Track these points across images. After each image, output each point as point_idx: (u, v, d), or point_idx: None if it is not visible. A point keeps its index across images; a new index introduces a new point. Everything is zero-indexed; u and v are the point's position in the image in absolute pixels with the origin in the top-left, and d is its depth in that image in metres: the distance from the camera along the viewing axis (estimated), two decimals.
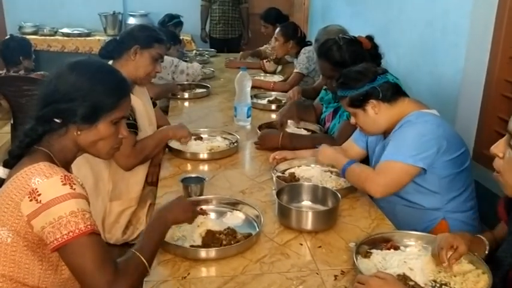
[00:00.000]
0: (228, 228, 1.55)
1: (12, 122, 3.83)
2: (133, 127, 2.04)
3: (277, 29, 3.81)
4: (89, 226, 1.17)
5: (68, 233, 1.14)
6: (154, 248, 1.33)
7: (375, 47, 2.31)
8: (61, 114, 1.28)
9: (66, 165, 1.35)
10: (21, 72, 3.81)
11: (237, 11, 5.93)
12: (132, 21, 6.15)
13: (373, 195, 1.73)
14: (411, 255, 1.44)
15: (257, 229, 1.58)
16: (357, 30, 2.62)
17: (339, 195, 1.67)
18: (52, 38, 6.01)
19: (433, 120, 1.78)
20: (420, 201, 1.83)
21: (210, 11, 5.92)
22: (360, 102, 1.83)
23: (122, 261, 1.22)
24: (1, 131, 4.88)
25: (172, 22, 4.35)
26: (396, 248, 1.50)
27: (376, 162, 1.90)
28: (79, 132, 1.30)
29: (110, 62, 2.16)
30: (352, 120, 1.92)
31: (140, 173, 2.17)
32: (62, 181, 1.18)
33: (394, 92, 1.83)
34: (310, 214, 1.60)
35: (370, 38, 2.31)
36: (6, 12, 6.25)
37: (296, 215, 1.61)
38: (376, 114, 1.82)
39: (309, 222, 1.59)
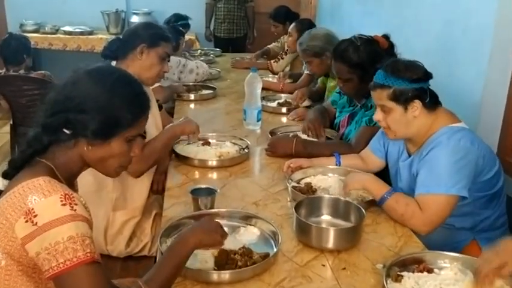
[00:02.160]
0: (244, 247, 1.41)
1: (11, 122, 3.73)
2: None
3: (292, 24, 3.66)
4: (89, 254, 1.04)
5: (65, 261, 1.01)
6: (166, 282, 1.17)
7: (392, 46, 2.18)
8: (72, 125, 1.15)
9: (70, 180, 1.23)
10: (21, 72, 3.69)
11: (243, 10, 5.81)
12: (135, 19, 6.03)
13: (419, 232, 1.60)
14: (447, 280, 1.30)
15: (274, 248, 1.44)
16: (368, 30, 2.48)
17: (364, 211, 1.53)
18: (53, 36, 5.88)
19: (466, 136, 1.64)
20: (450, 221, 1.69)
21: (214, 9, 5.80)
22: (406, 98, 1.66)
23: None
24: (0, 131, 4.77)
25: (179, 23, 4.21)
26: (429, 270, 1.36)
27: (404, 181, 1.78)
28: (89, 147, 1.18)
29: (114, 63, 2.03)
30: (379, 115, 1.73)
31: (145, 181, 2.03)
32: (61, 201, 1.05)
33: (436, 101, 1.69)
34: (332, 232, 1.46)
35: (386, 37, 2.17)
36: (7, 9, 6.13)
37: (317, 233, 1.47)
38: (415, 117, 1.68)
39: (330, 241, 1.45)
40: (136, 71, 1.98)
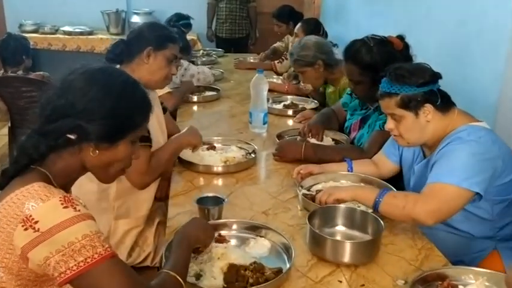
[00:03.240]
0: (255, 262, 1.31)
1: (9, 124, 3.64)
2: (147, 140, 1.81)
3: (298, 24, 3.58)
4: (109, 249, 1.01)
5: (85, 259, 0.97)
6: (185, 264, 1.21)
7: (407, 47, 2.08)
8: (77, 130, 1.09)
9: (65, 188, 1.15)
10: (20, 73, 3.60)
11: (245, 10, 5.73)
12: (136, 19, 5.94)
13: (424, 222, 1.48)
14: None
15: (287, 263, 1.35)
16: (376, 31, 2.37)
17: (382, 223, 1.43)
18: (53, 36, 5.79)
19: (487, 135, 1.55)
20: (469, 229, 1.60)
21: (216, 9, 5.72)
22: (415, 104, 1.56)
23: (157, 285, 1.09)
24: None
25: (181, 23, 4.11)
26: (454, 287, 1.26)
27: (418, 184, 1.68)
28: (96, 152, 1.12)
29: (118, 67, 1.93)
30: (390, 124, 1.64)
31: (151, 189, 1.92)
32: (62, 204, 1.00)
33: (449, 101, 1.60)
34: (349, 245, 1.37)
35: (401, 38, 2.07)
36: (6, 9, 6.04)
37: (332, 246, 1.37)
38: (428, 122, 1.58)
39: (347, 255, 1.35)
40: (143, 75, 1.89)
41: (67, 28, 5.83)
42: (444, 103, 1.59)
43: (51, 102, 1.10)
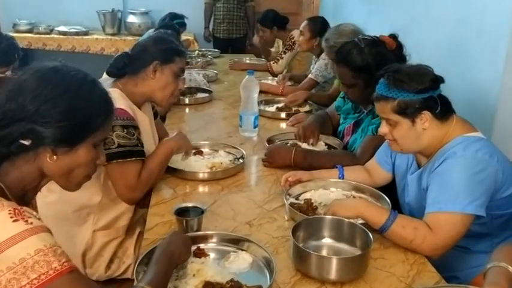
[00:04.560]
0: (232, 280, 1.22)
1: None
2: (140, 154, 1.73)
3: (304, 22, 3.44)
4: (66, 264, 0.92)
5: (39, 276, 0.89)
6: (164, 283, 1.13)
7: (400, 47, 1.98)
8: (30, 135, 0.99)
9: (24, 199, 1.06)
10: (8, 73, 3.51)
11: (243, 10, 5.66)
12: (132, 19, 5.87)
13: (430, 256, 1.41)
14: None
15: (268, 280, 1.25)
16: (374, 31, 2.29)
17: (371, 236, 1.33)
18: (48, 36, 5.71)
19: (484, 148, 1.45)
20: (465, 243, 1.50)
21: (214, 9, 5.65)
22: (412, 110, 1.47)
23: None
24: None
25: (175, 22, 4.02)
26: None
27: (412, 198, 1.61)
28: (54, 157, 1.03)
29: (122, 80, 1.84)
30: (384, 128, 1.55)
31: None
32: (11, 217, 0.91)
33: (449, 109, 1.50)
34: (335, 261, 1.27)
35: (394, 37, 1.97)
36: (0, 9, 5.95)
37: (317, 262, 1.28)
38: (424, 130, 1.49)
39: (333, 271, 1.26)
40: (147, 90, 1.82)
41: (62, 28, 5.76)
42: (443, 111, 1.49)
43: (1, 106, 1.01)
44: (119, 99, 1.71)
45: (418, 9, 3.01)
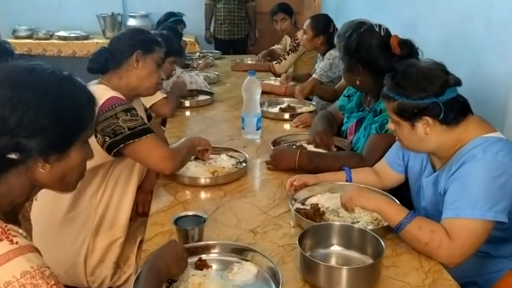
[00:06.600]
0: None
1: None
2: (152, 131, 1.72)
3: (307, 21, 3.36)
4: (54, 286, 0.86)
5: None
6: None
7: (407, 47, 1.93)
8: (17, 148, 0.92)
9: (11, 214, 0.99)
10: None
11: (243, 10, 5.58)
12: (132, 22, 5.81)
13: (447, 265, 1.33)
14: None
15: None
16: None
17: (383, 243, 1.26)
18: (48, 41, 5.65)
19: (505, 149, 1.37)
20: (486, 248, 1.42)
21: (214, 10, 5.57)
22: (410, 115, 1.41)
23: None
24: None
25: (171, 20, 3.95)
26: None
27: (429, 202, 1.53)
28: (46, 166, 0.95)
29: (105, 76, 1.79)
30: (390, 125, 1.51)
31: (127, 199, 1.78)
32: None
33: (460, 113, 1.42)
34: (345, 272, 1.19)
35: (401, 43, 1.92)
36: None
37: (326, 273, 1.20)
38: (426, 134, 1.42)
39: (343, 282, 1.18)
40: (132, 81, 1.78)
41: (62, 33, 5.70)
42: (452, 117, 1.40)
43: None
44: (107, 90, 1.70)
45: (424, 5, 2.93)
